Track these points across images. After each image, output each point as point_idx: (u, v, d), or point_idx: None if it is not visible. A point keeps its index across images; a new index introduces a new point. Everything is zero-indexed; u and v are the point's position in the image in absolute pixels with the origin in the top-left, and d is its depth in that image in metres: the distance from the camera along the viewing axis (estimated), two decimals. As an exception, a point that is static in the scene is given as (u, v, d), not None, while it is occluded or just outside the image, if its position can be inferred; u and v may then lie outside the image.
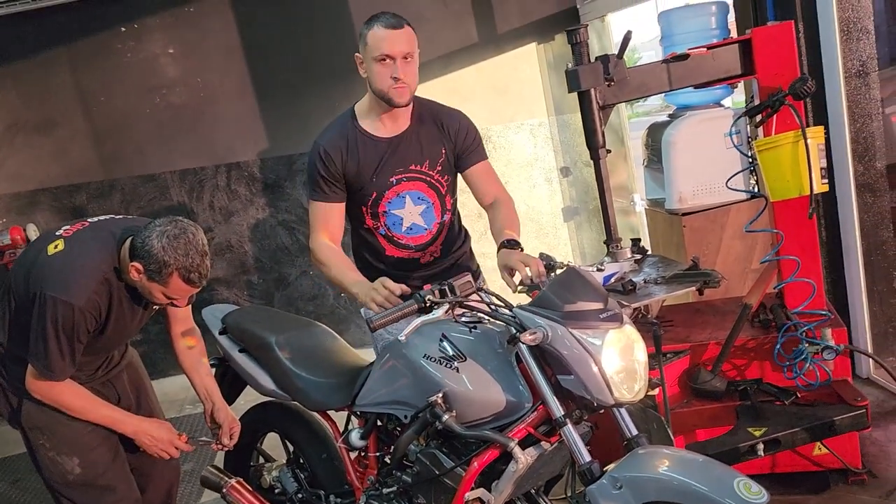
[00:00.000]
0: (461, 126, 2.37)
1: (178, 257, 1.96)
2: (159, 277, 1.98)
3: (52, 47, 4.54)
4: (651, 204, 3.46)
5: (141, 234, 1.99)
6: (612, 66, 2.29)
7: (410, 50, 2.19)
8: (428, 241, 2.40)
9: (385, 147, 2.32)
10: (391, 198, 2.35)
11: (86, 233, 2.11)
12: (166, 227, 1.99)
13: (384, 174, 2.33)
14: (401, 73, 2.17)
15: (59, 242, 2.06)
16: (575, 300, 1.74)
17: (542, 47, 4.84)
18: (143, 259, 1.96)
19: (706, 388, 2.45)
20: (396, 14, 2.20)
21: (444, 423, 1.84)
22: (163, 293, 2.03)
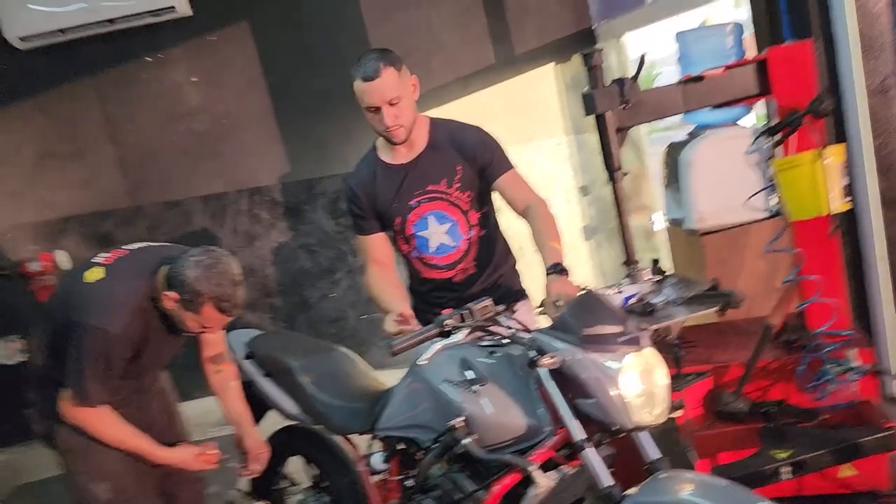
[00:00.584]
0: (477, 141, 2.38)
1: (212, 287, 2.00)
2: (193, 307, 2.02)
3: (80, 79, 4.65)
4: (672, 223, 3.44)
5: (176, 264, 2.03)
6: (628, 88, 2.30)
7: (394, 94, 2.20)
8: (458, 259, 2.42)
9: (402, 173, 2.39)
10: (415, 220, 2.40)
11: (124, 261, 2.16)
12: (200, 257, 2.03)
13: (403, 198, 2.39)
14: (388, 121, 2.23)
15: (99, 270, 2.10)
16: (593, 324, 1.75)
17: (559, 67, 4.87)
18: (177, 289, 2.01)
19: (729, 410, 2.43)
20: (381, 54, 2.22)
21: (466, 446, 1.85)
22: (196, 322, 2.08)
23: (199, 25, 4.60)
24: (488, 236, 2.46)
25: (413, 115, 2.29)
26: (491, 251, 2.47)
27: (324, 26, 4.67)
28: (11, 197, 4.72)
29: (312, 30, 4.67)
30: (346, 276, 4.90)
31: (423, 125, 2.39)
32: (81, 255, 4.69)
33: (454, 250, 2.41)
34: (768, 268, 3.12)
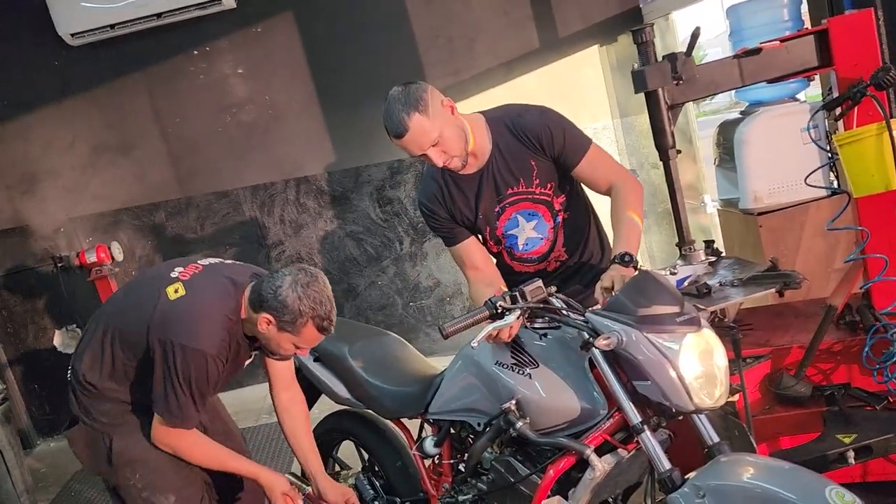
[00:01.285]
0: (544, 132, 2.22)
1: (314, 306, 1.93)
2: (292, 328, 1.95)
3: (129, 73, 4.74)
4: (724, 204, 3.36)
5: (269, 284, 1.95)
6: (681, 64, 2.23)
7: (428, 140, 2.08)
8: (548, 250, 2.35)
9: (476, 182, 2.28)
10: (504, 223, 2.33)
11: (203, 277, 2.08)
12: (297, 276, 1.95)
13: (487, 208, 2.30)
14: (438, 161, 2.12)
15: (178, 286, 2.02)
16: (649, 304, 1.71)
17: (604, 49, 4.78)
18: (275, 310, 1.93)
19: (790, 394, 2.35)
20: (403, 103, 2.07)
21: (519, 430, 1.83)
22: (292, 343, 2.01)
23: (244, 17, 4.65)
24: (576, 216, 2.36)
25: (462, 141, 2.15)
26: (577, 230, 2.37)
27: (368, 15, 4.67)
28: (66, 191, 4.85)
29: (356, 19, 4.67)
30: (392, 263, 4.92)
31: (480, 130, 2.24)
32: (135, 246, 4.82)
33: (543, 242, 2.34)
34: (827, 247, 3.03)
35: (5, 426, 3.67)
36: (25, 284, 4.89)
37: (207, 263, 2.15)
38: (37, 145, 4.79)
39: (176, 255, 4.87)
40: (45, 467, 4.49)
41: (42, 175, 4.82)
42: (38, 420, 5.02)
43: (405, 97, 2.08)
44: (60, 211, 4.86)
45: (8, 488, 3.65)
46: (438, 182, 2.32)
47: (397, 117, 2.05)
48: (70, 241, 4.86)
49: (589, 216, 2.44)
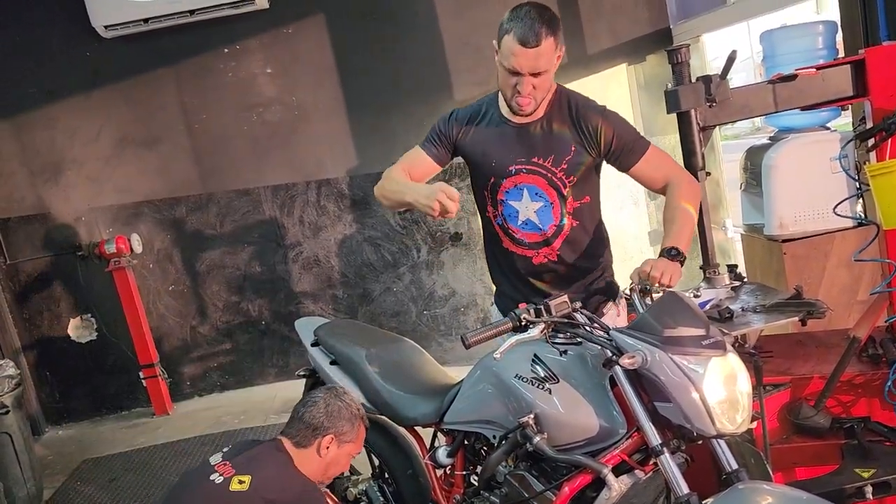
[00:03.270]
0: (602, 128, 2.17)
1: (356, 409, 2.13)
2: (352, 434, 2.10)
3: (160, 67, 4.79)
4: (748, 229, 3.33)
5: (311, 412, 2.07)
6: (715, 86, 2.23)
7: (543, 68, 2.03)
8: (540, 242, 2.26)
9: (512, 133, 2.20)
10: (509, 187, 2.24)
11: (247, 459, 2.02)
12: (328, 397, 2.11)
13: (504, 160, 2.22)
14: (524, 90, 2.05)
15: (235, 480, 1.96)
16: (675, 325, 1.69)
17: (632, 68, 4.78)
18: (335, 427, 2.07)
19: (809, 424, 2.32)
20: (545, 17, 1.99)
21: (536, 445, 1.81)
22: (356, 447, 2.15)
23: (275, 18, 4.69)
24: (582, 230, 2.28)
25: (548, 93, 2.14)
26: (579, 246, 2.29)
27: (397, 20, 4.69)
28: (90, 181, 4.89)
29: (386, 24, 4.70)
30: (409, 270, 4.92)
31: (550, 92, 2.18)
32: (154, 239, 4.85)
33: (539, 233, 2.25)
34: (851, 278, 3.00)
35: (17, 412, 3.69)
36: (44, 271, 4.93)
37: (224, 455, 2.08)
38: (63, 134, 4.83)
39: (194, 251, 4.92)
40: (52, 455, 4.51)
41: (66, 164, 4.86)
42: (48, 407, 5.04)
43: (548, 17, 2.00)
44: (82, 200, 4.90)
45: (15, 473, 3.67)
46: (483, 111, 2.26)
47: (537, 28, 1.96)
48: (90, 230, 4.90)
49: (597, 236, 2.36)
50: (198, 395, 5.11)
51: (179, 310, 5.02)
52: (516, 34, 1.98)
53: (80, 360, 5.03)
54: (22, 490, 3.70)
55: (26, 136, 4.83)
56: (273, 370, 5.08)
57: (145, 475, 3.94)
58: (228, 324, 5.05)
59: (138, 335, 4.79)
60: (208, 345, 5.07)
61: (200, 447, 4.16)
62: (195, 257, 4.97)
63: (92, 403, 5.08)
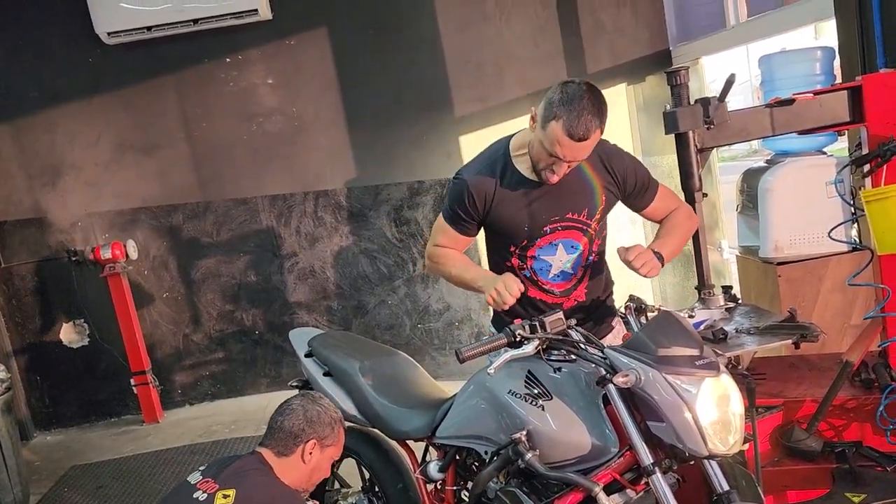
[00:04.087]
0: (628, 169, 2.20)
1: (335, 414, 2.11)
2: (333, 438, 2.08)
3: (161, 75, 4.80)
4: (743, 251, 3.35)
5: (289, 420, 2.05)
6: (713, 108, 2.25)
7: (585, 155, 2.02)
8: (572, 286, 2.25)
9: (539, 192, 2.13)
10: (543, 245, 2.19)
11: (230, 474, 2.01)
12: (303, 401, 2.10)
13: (538, 222, 2.16)
14: (559, 172, 2.03)
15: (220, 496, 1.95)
16: (669, 345, 1.70)
17: (632, 88, 4.82)
18: (316, 432, 2.04)
19: (800, 448, 2.33)
20: (598, 112, 1.93)
21: (527, 461, 1.81)
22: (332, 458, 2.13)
23: (278, 29, 4.71)
24: (600, 262, 2.32)
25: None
26: (600, 279, 2.32)
27: (400, 35, 4.72)
28: (88, 185, 4.89)
29: (388, 38, 4.72)
30: (404, 283, 4.92)
31: None
32: (150, 246, 4.85)
33: (571, 278, 2.23)
34: (844, 302, 3.01)
35: (5, 416, 3.66)
36: (38, 275, 4.92)
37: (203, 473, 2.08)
38: (63, 138, 4.84)
39: (190, 259, 4.92)
40: (40, 460, 4.48)
41: (65, 168, 4.86)
42: (37, 412, 5.01)
43: (598, 105, 1.95)
44: (80, 205, 4.90)
45: (2, 478, 3.63)
46: (496, 175, 2.15)
47: (588, 123, 1.91)
48: (86, 235, 4.89)
49: (606, 263, 2.39)
50: (189, 403, 5.08)
51: (173, 317, 5.01)
52: (566, 125, 1.91)
53: (72, 365, 5.00)
54: (8, 495, 3.66)
55: (26, 139, 4.83)
56: (265, 380, 5.06)
57: (133, 483, 3.91)
58: (222, 332, 5.03)
59: (131, 342, 4.77)
60: (201, 353, 5.06)
61: (190, 456, 4.14)
62: (191, 265, 4.97)
63: (81, 409, 5.05)
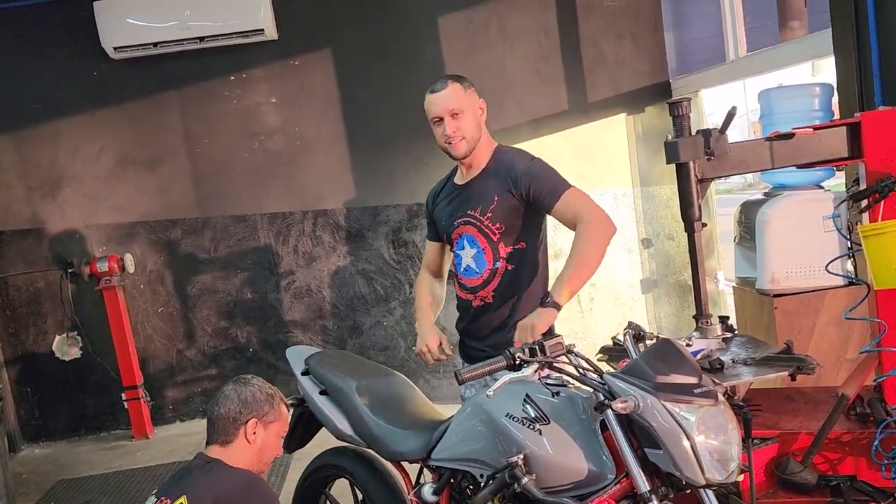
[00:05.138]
0: (523, 172, 2.34)
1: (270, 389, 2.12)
2: (275, 414, 2.10)
3: (165, 90, 4.84)
4: (740, 282, 3.37)
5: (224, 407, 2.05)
6: (714, 140, 2.27)
7: (456, 106, 2.34)
8: (479, 285, 2.44)
9: (456, 193, 2.51)
10: (455, 239, 2.50)
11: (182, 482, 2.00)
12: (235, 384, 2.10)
13: (450, 217, 2.50)
14: (449, 130, 2.35)
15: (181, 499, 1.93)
16: (668, 372, 1.71)
17: (631, 118, 4.88)
18: (253, 411, 2.05)
19: (795, 480, 2.32)
20: (450, 76, 2.39)
21: (524, 486, 1.80)
22: (279, 434, 2.14)
23: (283, 49, 4.76)
24: (517, 273, 2.41)
25: (475, 132, 2.38)
26: (515, 289, 2.42)
27: (403, 60, 4.78)
28: (87, 198, 4.90)
29: (392, 62, 4.78)
30: (400, 305, 4.92)
31: (487, 150, 2.45)
32: (147, 260, 4.84)
33: (476, 276, 2.44)
34: (840, 336, 3.03)
35: (-5, 426, 3.64)
36: (33, 286, 4.91)
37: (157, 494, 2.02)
38: (64, 150, 4.86)
39: (186, 274, 4.91)
40: (28, 473, 4.43)
41: (66, 180, 4.88)
42: (26, 424, 4.97)
43: (457, 75, 2.43)
44: (78, 217, 4.90)
45: (-11, 490, 3.60)
46: (442, 183, 2.62)
47: (442, 79, 2.38)
48: (83, 248, 4.89)
49: (537, 280, 2.47)
50: (179, 419, 5.05)
51: (167, 332, 4.99)
52: (429, 90, 2.40)
53: (63, 378, 4.97)
54: (-6, 508, 3.62)
55: (27, 150, 4.84)
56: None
57: (121, 499, 3.87)
58: (216, 349, 5.01)
59: (123, 356, 4.75)
60: (194, 369, 5.03)
61: (179, 473, 4.10)
62: (187, 280, 4.96)
63: (71, 423, 5.00)
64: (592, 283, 4.96)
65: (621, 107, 4.83)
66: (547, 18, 4.78)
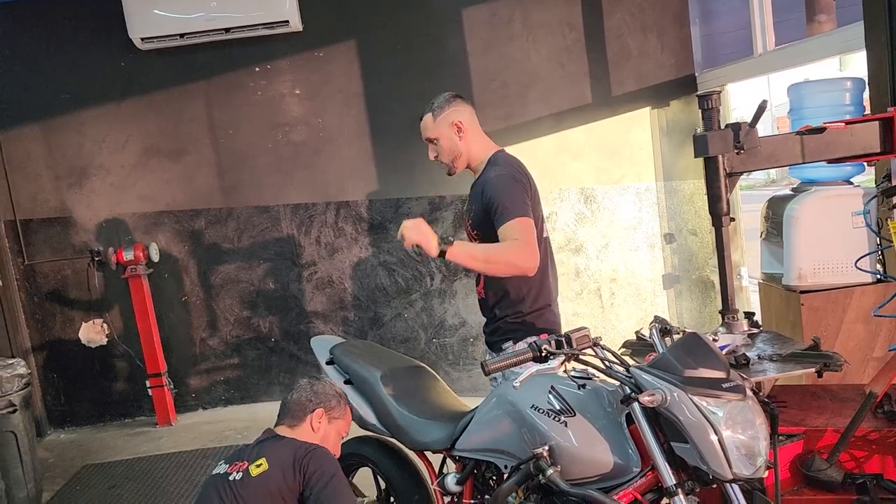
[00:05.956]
0: (488, 183, 2.43)
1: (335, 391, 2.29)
2: (340, 411, 2.27)
3: (191, 81, 4.87)
4: (766, 278, 3.34)
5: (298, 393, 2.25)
6: (744, 134, 2.25)
7: (429, 135, 2.55)
8: (476, 278, 2.64)
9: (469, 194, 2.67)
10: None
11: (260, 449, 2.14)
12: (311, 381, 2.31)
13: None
14: (431, 156, 2.60)
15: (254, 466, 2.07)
16: (696, 366, 1.70)
17: (655, 112, 4.84)
18: (322, 402, 2.23)
19: (821, 477, 2.31)
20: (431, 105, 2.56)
21: (549, 477, 1.81)
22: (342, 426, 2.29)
23: (308, 41, 4.77)
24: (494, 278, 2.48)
25: (449, 155, 2.55)
26: (498, 291, 2.50)
27: (426, 52, 4.77)
28: (113, 188, 4.95)
29: (416, 55, 4.77)
30: (421, 297, 4.93)
31: (483, 156, 2.57)
32: (172, 249, 4.89)
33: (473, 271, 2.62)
34: (868, 334, 2.99)
35: (24, 411, 3.69)
36: (60, 274, 4.98)
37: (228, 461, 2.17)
38: (91, 140, 4.91)
39: (209, 263, 4.96)
40: (54, 458, 4.50)
41: (92, 169, 4.93)
42: (52, 410, 5.05)
43: (437, 100, 2.57)
44: (105, 207, 4.96)
45: (17, 474, 3.66)
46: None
47: (426, 109, 2.59)
48: (110, 237, 4.95)
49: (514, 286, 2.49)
50: (202, 407, 5.10)
51: (191, 321, 5.04)
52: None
53: (88, 364, 5.05)
54: (21, 491, 3.68)
55: (54, 140, 4.91)
56: (279, 388, 5.07)
57: (146, 484, 3.93)
58: (238, 338, 5.06)
59: (148, 344, 4.81)
60: (216, 358, 5.08)
61: (202, 460, 4.15)
62: (210, 270, 5.01)
63: (96, 409, 5.08)
64: (613, 278, 4.96)
65: (645, 101, 4.80)
66: (571, 12, 4.75)
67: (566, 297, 4.99)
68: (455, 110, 2.52)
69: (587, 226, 4.95)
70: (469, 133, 2.52)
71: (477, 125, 2.56)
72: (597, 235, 4.95)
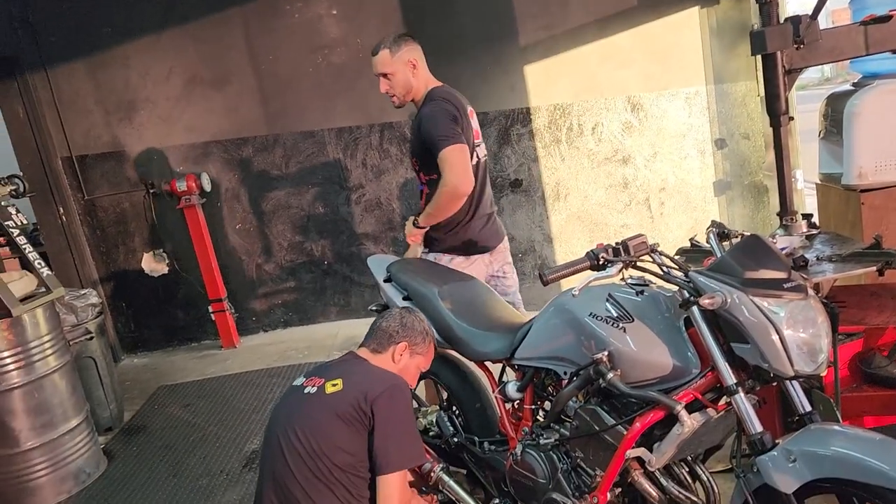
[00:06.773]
0: (421, 127, 2.68)
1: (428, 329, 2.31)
2: (423, 347, 2.27)
3: (228, 8, 4.84)
4: (824, 178, 3.26)
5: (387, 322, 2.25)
6: (804, 27, 2.17)
7: (383, 71, 2.77)
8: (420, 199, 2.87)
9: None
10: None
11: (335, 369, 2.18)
12: (403, 312, 2.30)
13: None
14: (382, 89, 2.81)
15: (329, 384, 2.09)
16: (757, 268, 1.70)
17: (704, 11, 4.64)
18: (408, 336, 2.24)
19: (880, 374, 2.32)
20: (387, 41, 2.76)
21: (609, 381, 1.85)
22: (422, 362, 2.30)
23: (342, -42, 4.66)
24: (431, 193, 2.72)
25: (403, 89, 2.79)
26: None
27: (465, -38, 4.63)
28: (161, 120, 5.02)
29: (453, -35, 4.63)
30: (469, 214, 4.95)
31: (423, 91, 2.81)
32: (222, 179, 4.98)
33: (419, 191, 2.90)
34: (931, 232, 2.92)
35: (99, 338, 3.90)
36: (119, 207, 5.13)
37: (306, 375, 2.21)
38: (136, 73, 4.95)
39: (260, 191, 5.05)
40: (130, 381, 4.77)
41: (139, 103, 5.00)
42: (124, 336, 5.31)
43: (393, 37, 2.79)
44: (154, 139, 5.05)
45: (99, 395, 3.90)
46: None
47: (379, 44, 2.79)
48: (162, 168, 5.05)
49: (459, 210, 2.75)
50: (263, 330, 5.31)
51: (246, 248, 5.18)
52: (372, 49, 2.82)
53: (153, 292, 5.26)
54: (105, 411, 3.94)
55: (101, 75, 4.96)
56: (335, 308, 5.23)
57: (217, 401, 4.15)
58: (292, 262, 5.20)
59: (207, 271, 4.97)
60: (273, 282, 5.24)
61: (268, 379, 4.35)
62: (261, 197, 5.10)
63: (164, 334, 5.33)
64: (662, 187, 4.88)
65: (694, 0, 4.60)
66: None
67: (614, 210, 4.96)
68: (410, 49, 2.77)
69: (634, 135, 4.85)
70: (420, 71, 2.79)
71: (425, 64, 2.82)
72: (644, 145, 4.86)
